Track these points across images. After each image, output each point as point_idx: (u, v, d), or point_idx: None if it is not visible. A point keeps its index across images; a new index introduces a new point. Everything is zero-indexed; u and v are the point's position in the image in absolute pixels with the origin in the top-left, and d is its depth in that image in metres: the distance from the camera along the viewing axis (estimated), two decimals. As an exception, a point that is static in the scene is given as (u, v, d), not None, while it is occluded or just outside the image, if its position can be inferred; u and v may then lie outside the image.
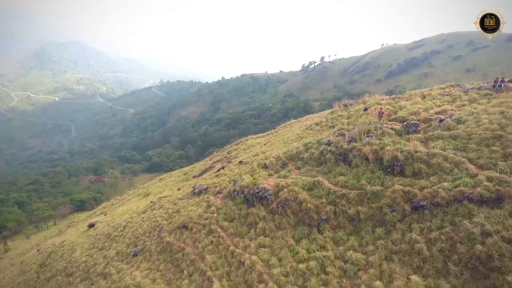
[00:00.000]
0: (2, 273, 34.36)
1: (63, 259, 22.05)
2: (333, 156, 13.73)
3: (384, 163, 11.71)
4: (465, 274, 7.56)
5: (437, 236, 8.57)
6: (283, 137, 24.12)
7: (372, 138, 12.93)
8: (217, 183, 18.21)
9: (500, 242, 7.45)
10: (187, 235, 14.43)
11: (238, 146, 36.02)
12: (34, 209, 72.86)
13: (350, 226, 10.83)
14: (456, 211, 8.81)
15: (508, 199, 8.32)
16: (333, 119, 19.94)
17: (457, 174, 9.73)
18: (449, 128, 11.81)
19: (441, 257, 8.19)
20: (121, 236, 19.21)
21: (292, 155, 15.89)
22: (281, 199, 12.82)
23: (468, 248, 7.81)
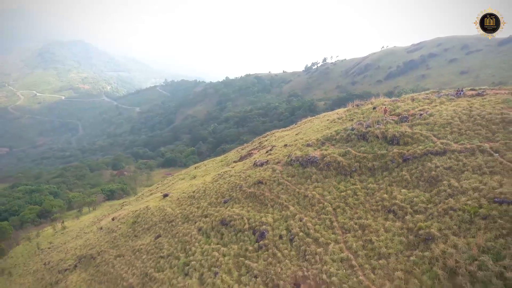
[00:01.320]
0: (81, 239, 42.91)
1: (155, 215, 30.54)
2: (355, 136, 22.28)
3: (387, 139, 20.26)
4: (425, 184, 16.13)
5: (415, 171, 17.14)
6: (311, 128, 32.66)
7: (380, 125, 21.49)
8: (273, 158, 26.74)
9: (442, 169, 16.01)
10: (264, 187, 22.97)
11: (268, 138, 44.57)
12: (70, 197, 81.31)
13: (368, 173, 19.38)
14: (424, 159, 17.37)
15: (451, 153, 16.87)
16: (351, 115, 28.49)
17: (426, 142, 18.28)
18: (424, 118, 20.35)
19: (416, 180, 16.76)
20: (204, 195, 27.72)
21: (327, 138, 24.44)
22: (325, 161, 21.38)
23: (428, 173, 16.37)
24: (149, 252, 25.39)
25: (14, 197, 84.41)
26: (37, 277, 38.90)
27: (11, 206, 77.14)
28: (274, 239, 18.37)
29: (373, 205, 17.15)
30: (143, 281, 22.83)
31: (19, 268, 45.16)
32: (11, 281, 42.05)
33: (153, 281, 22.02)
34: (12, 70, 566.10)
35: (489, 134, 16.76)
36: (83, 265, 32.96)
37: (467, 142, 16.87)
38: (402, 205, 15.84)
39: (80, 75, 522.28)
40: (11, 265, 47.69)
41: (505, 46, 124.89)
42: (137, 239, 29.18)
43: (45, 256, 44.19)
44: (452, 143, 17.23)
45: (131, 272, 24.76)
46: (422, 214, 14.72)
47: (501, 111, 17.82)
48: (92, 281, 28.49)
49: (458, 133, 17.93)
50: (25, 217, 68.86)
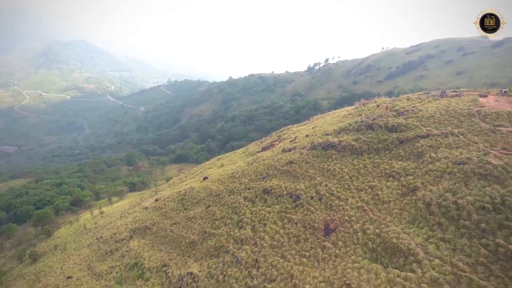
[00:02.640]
0: (127, 218, 50.23)
1: (202, 192, 37.82)
2: (364, 127, 29.63)
3: (388, 128, 27.62)
4: (414, 157, 23.50)
5: (407, 149, 24.50)
6: (326, 122, 40.01)
7: (383, 118, 28.83)
8: (298, 145, 34.06)
9: (426, 147, 23.37)
10: (295, 165, 30.30)
11: (285, 132, 51.89)
12: (97, 188, 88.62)
13: (374, 152, 26.73)
14: (414, 141, 24.73)
15: (432, 136, 24.24)
16: (359, 111, 35.85)
17: (416, 130, 25.65)
18: (415, 113, 27.71)
19: (408, 155, 24.12)
20: (244, 175, 35.02)
21: (342, 128, 31.79)
22: (342, 145, 28.73)
23: (416, 150, 23.73)
24: (203, 218, 32.74)
25: (44, 189, 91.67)
26: (93, 249, 46.24)
27: (44, 197, 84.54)
28: (307, 199, 25.73)
29: (378, 173, 24.52)
30: (203, 237, 30.19)
31: (71, 244, 52.50)
32: (68, 254, 49.36)
33: (212, 236, 29.39)
34: (16, 70, 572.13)
35: (458, 123, 24.11)
36: (138, 235, 40.32)
37: (443, 128, 24.22)
38: (398, 171, 23.20)
39: (84, 74, 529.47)
40: (61, 242, 55.02)
41: (498, 48, 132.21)
42: (188, 211, 36.53)
43: (94, 234, 51.57)
44: (433, 130, 24.60)
45: (190, 232, 32.12)
46: (411, 176, 22.09)
47: (468, 107, 25.19)
48: (154, 243, 35.84)
49: (438, 122, 25.29)
50: (60, 205, 76.03)
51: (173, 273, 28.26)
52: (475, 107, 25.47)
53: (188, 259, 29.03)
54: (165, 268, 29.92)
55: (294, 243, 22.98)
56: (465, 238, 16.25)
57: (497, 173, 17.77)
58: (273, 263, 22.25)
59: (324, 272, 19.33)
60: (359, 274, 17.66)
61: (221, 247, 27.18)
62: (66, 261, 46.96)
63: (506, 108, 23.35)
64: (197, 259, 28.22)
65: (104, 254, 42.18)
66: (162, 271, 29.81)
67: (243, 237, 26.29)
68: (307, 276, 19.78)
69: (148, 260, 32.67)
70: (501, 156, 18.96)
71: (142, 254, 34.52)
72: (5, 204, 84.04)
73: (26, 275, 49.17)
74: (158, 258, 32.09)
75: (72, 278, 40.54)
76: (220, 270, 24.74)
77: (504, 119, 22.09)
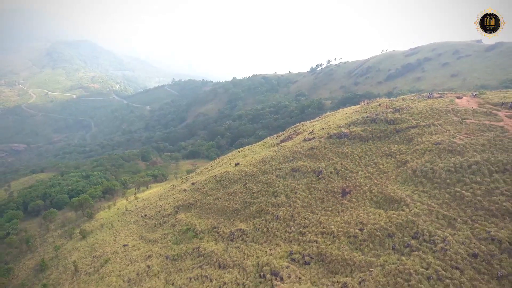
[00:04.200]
0: (167, 199, 59.12)
1: (237, 174, 46.70)
2: (369, 121, 38.71)
3: (388, 121, 36.71)
4: (406, 142, 32.60)
5: (402, 136, 33.59)
6: (336, 118, 49.05)
7: (384, 114, 37.91)
8: (316, 135, 43.09)
9: (415, 134, 32.43)
10: (315, 150, 39.33)
11: (299, 127, 60.85)
12: (123, 179, 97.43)
13: (377, 139, 35.80)
14: (406, 130, 33.81)
15: (419, 127, 33.33)
16: (364, 109, 44.94)
17: (408, 122, 34.75)
18: (408, 110, 36.78)
19: (402, 140, 33.21)
20: (273, 159, 43.98)
21: (351, 122, 40.84)
22: (352, 134, 37.79)
23: (408, 137, 32.79)
24: (242, 192, 41.72)
25: (74, 181, 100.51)
26: (140, 224, 55.18)
27: (76, 187, 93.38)
28: (327, 173, 34.75)
29: (380, 153, 33.56)
30: (245, 205, 39.18)
31: (116, 223, 61.35)
32: (116, 230, 58.23)
33: (252, 204, 38.37)
34: (21, 69, 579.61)
35: (438, 117, 33.16)
36: (183, 210, 49.27)
37: (427, 121, 33.28)
38: (395, 151, 32.26)
39: (88, 74, 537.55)
40: (106, 222, 63.88)
41: (490, 52, 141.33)
42: (227, 188, 45.50)
43: (137, 213, 60.47)
44: (420, 122, 33.69)
45: (232, 203, 41.11)
46: (404, 154, 31.15)
47: (446, 106, 34.26)
48: (200, 214, 44.80)
49: (424, 117, 34.38)
50: (93, 194, 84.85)
51: (224, 231, 37.25)
52: (451, 105, 34.55)
53: (234, 221, 38.03)
54: (215, 229, 38.91)
55: (320, 203, 32.00)
56: (437, 189, 25.28)
57: (459, 149, 26.82)
58: (305, 216, 31.28)
59: (343, 217, 28.37)
60: (368, 216, 26.69)
61: (261, 211, 36.16)
62: (117, 235, 55.90)
63: (473, 107, 32.42)
64: (242, 220, 37.20)
65: (153, 227, 51.15)
66: (213, 231, 38.80)
67: (279, 202, 35.29)
68: (331, 221, 28.80)
69: (199, 225, 41.68)
70: (464, 138, 28.02)
71: (192, 222, 43.51)
72: (41, 193, 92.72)
73: (80, 247, 58.01)
74: (207, 223, 41.11)
75: (128, 245, 49.56)
76: (264, 225, 33.73)
77: (469, 114, 31.16)
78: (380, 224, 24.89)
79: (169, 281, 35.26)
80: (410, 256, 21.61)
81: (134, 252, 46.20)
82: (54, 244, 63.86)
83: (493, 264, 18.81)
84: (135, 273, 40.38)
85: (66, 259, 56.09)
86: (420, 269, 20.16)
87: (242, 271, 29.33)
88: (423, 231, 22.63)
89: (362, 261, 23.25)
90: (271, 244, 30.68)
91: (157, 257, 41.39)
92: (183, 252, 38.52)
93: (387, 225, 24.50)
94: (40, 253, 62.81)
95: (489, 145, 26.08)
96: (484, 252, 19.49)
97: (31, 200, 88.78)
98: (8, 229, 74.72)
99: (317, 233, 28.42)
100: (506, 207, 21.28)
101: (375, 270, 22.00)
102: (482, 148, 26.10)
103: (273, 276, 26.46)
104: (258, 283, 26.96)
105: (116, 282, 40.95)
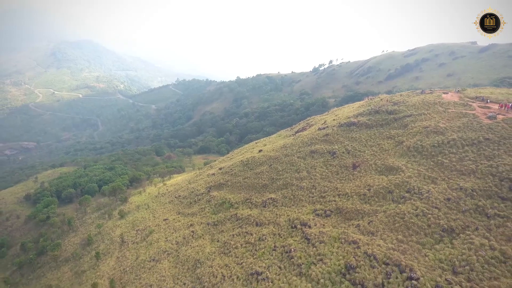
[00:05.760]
0: (197, 182, 68.01)
1: (262, 158, 55.61)
2: (373, 112, 47.77)
3: (388, 112, 45.77)
4: (402, 127, 41.71)
5: (399, 123, 42.66)
6: (344, 111, 58.12)
7: (385, 106, 46.98)
8: (329, 125, 52.14)
9: (409, 121, 41.53)
10: (329, 136, 48.36)
11: (311, 120, 69.91)
12: (145, 170, 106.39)
13: (380, 126, 44.88)
14: (403, 119, 42.88)
15: (413, 115, 42.43)
16: (368, 103, 54.03)
17: (404, 112, 43.84)
18: (404, 103, 45.82)
19: (399, 126, 42.29)
20: (293, 145, 52.96)
21: (358, 113, 49.91)
22: (359, 123, 46.86)
23: (404, 123, 41.87)
24: (268, 171, 50.68)
25: (99, 172, 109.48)
26: (175, 203, 64.14)
27: (104, 177, 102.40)
28: (340, 153, 43.80)
29: (382, 137, 42.61)
30: (272, 181, 48.18)
31: (152, 204, 70.29)
32: (153, 209, 67.19)
33: (278, 179, 47.37)
34: (26, 69, 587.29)
35: (428, 108, 42.17)
36: (215, 189, 58.24)
37: (419, 111, 42.29)
38: (393, 135, 41.31)
39: (93, 74, 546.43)
40: (141, 203, 72.80)
41: (484, 53, 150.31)
42: (254, 170, 54.46)
43: (171, 195, 69.41)
44: (414, 112, 42.76)
45: (261, 180, 50.09)
46: (401, 136, 40.21)
47: (434, 99, 43.30)
48: (231, 191, 53.75)
49: (417, 108, 43.41)
50: (121, 182, 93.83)
51: (256, 201, 46.27)
52: (438, 99, 43.62)
53: (264, 193, 47.05)
54: (248, 200, 47.93)
55: (335, 175, 41.06)
56: (424, 159, 34.35)
57: (442, 130, 35.89)
58: (324, 185, 40.33)
59: (354, 183, 37.43)
60: (373, 180, 35.73)
61: (287, 184, 45.19)
62: (155, 213, 64.92)
63: (454, 100, 41.49)
64: (271, 192, 46.23)
65: (189, 204, 60.15)
66: (247, 202, 47.81)
67: (301, 176, 44.33)
68: (345, 187, 37.84)
69: (233, 198, 50.71)
70: (445, 123, 37.10)
71: (226, 196, 52.54)
72: (71, 183, 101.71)
73: (121, 225, 66.87)
74: (240, 197, 50.11)
75: (168, 219, 58.58)
76: (291, 194, 42.76)
77: (451, 105, 40.20)
78: (383, 184, 33.96)
79: (214, 240, 44.28)
80: (405, 203, 30.66)
81: (176, 223, 55.22)
82: (95, 224, 72.86)
83: (460, 203, 27.85)
84: (181, 237, 49.40)
85: (110, 234, 65.03)
86: (411, 210, 29.22)
87: (276, 225, 38.36)
88: (413, 187, 31.68)
89: (370, 210, 32.31)
90: (298, 206, 39.73)
91: (198, 224, 50.40)
92: (222, 219, 47.52)
93: (388, 185, 33.56)
94: (82, 232, 71.81)
95: (463, 127, 35.12)
96: (454, 197, 28.54)
97: (63, 189, 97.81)
98: (48, 213, 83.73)
99: (335, 195, 37.48)
100: (472, 168, 30.34)
101: (379, 214, 31.06)
102: (458, 129, 35.14)
103: (302, 226, 35.47)
104: (290, 232, 36.00)
105: (165, 245, 49.99)
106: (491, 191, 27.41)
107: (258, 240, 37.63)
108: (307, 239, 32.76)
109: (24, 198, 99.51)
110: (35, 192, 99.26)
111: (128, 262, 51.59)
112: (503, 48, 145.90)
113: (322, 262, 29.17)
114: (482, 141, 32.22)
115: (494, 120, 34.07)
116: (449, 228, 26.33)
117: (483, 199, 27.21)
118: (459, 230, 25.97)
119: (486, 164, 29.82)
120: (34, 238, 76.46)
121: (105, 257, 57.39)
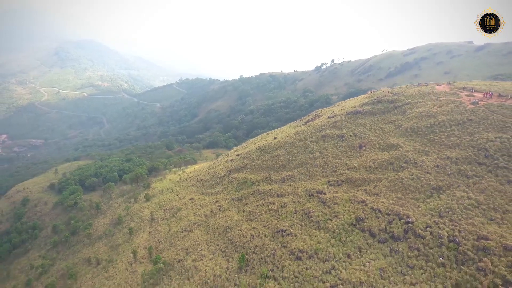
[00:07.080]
0: (216, 168, 75.33)
1: (277, 144, 62.91)
2: (376, 101, 55.17)
3: (389, 101, 53.20)
4: (401, 113, 49.16)
5: (399, 110, 50.08)
6: (349, 103, 65.53)
7: (386, 96, 54.38)
8: (337, 114, 59.54)
9: (407, 108, 48.95)
10: (338, 123, 55.76)
11: (319, 112, 77.23)
12: (161, 161, 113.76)
13: (382, 113, 52.31)
14: (402, 106, 50.28)
15: (410, 104, 49.86)
16: (371, 95, 61.45)
17: (403, 101, 51.28)
18: (403, 94, 53.24)
19: (398, 113, 49.69)
20: (306, 132, 60.31)
21: (363, 103, 57.31)
22: (364, 111, 54.29)
23: (403, 110, 49.28)
24: (285, 154, 58.02)
25: (118, 163, 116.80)
26: (198, 186, 71.46)
27: (123, 167, 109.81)
28: (348, 137, 51.19)
29: (384, 122, 50.00)
30: (288, 162, 55.53)
31: (175, 188, 77.60)
32: (177, 192, 74.49)
33: (294, 160, 54.71)
34: (30, 68, 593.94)
35: (423, 97, 49.50)
36: (236, 172, 65.54)
37: (416, 100, 49.64)
38: (394, 120, 48.71)
39: (97, 73, 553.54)
40: (165, 188, 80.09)
41: (479, 52, 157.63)
42: (271, 154, 61.77)
43: (192, 179, 76.71)
44: (411, 101, 50.16)
45: (278, 161, 57.41)
46: (400, 121, 47.60)
47: (428, 90, 50.68)
48: (251, 172, 61.04)
49: (414, 97, 50.79)
50: (141, 171, 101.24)
51: (275, 178, 53.60)
52: (432, 90, 51.03)
53: (282, 172, 54.40)
54: (267, 178, 55.26)
55: (344, 153, 48.45)
56: (419, 137, 41.74)
57: (434, 114, 43.30)
58: (335, 162, 47.72)
59: (361, 159, 44.81)
60: (377, 155, 43.12)
61: (302, 163, 52.55)
62: (179, 194, 72.23)
63: (445, 90, 48.91)
64: (288, 170, 53.56)
65: (211, 185, 67.46)
66: (266, 180, 55.14)
67: (315, 156, 51.70)
68: (353, 162, 45.22)
69: (253, 178, 58.03)
70: (437, 108, 44.52)
71: (246, 176, 59.86)
72: (93, 173, 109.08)
73: (148, 206, 74.15)
74: (260, 176, 57.41)
75: (193, 199, 65.91)
76: (306, 170, 50.11)
77: (443, 94, 47.62)
78: (385, 158, 41.37)
79: (240, 211, 51.64)
80: (403, 171, 38.06)
81: (202, 201, 62.55)
82: (122, 207, 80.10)
83: (446, 169, 35.25)
84: (209, 211, 56.73)
85: (139, 214, 72.29)
86: (408, 176, 36.63)
87: (295, 195, 45.73)
88: (410, 159, 39.08)
89: (375, 178, 39.71)
90: (313, 180, 47.10)
91: (223, 200, 57.73)
92: (246, 194, 54.87)
93: (389, 158, 40.96)
94: (111, 214, 79.10)
95: (451, 111, 42.51)
96: (442, 164, 35.95)
97: (86, 178, 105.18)
98: (75, 199, 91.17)
99: (345, 169, 44.88)
100: (457, 142, 37.76)
101: (382, 181, 38.45)
102: (447, 113, 42.53)
103: (318, 193, 42.84)
104: (308, 199, 43.38)
105: (195, 218, 57.31)
106: (471, 159, 34.82)
107: (280, 207, 44.97)
108: (323, 203, 40.14)
109: (48, 187, 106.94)
110: (59, 182, 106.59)
111: (161, 234, 58.87)
112: (498, 47, 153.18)
113: (336, 217, 36.56)
114: (466, 122, 39.63)
115: (476, 105, 41.46)
116: (437, 187, 33.73)
117: (465, 165, 34.61)
118: (445, 187, 33.36)
119: (468, 139, 37.23)
120: (64, 221, 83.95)
121: (137, 232, 64.52)
